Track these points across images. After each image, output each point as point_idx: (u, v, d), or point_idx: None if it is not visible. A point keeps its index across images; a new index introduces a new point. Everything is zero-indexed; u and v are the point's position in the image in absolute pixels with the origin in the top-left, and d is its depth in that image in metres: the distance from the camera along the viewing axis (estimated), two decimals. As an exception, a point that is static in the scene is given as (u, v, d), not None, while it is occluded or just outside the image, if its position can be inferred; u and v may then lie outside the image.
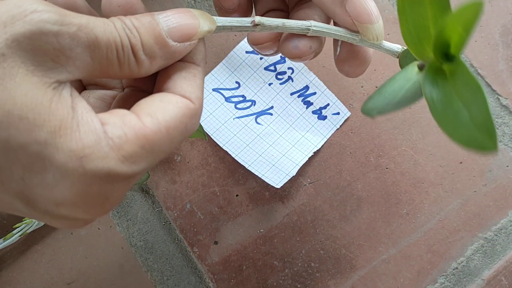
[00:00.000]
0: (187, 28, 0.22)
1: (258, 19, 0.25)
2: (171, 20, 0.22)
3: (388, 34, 0.43)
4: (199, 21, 0.23)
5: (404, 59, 0.29)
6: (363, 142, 0.40)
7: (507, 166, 0.40)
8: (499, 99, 0.42)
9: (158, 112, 0.21)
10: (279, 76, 0.41)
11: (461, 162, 0.40)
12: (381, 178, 0.39)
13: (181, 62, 0.24)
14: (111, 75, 0.21)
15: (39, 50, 0.18)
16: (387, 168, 0.40)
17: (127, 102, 0.25)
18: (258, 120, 0.40)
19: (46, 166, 0.17)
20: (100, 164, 0.18)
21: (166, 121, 0.21)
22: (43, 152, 0.17)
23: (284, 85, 0.41)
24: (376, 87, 0.42)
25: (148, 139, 0.20)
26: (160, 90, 0.23)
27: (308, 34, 0.27)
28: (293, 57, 0.28)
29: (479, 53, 0.43)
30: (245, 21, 0.25)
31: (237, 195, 0.39)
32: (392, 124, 0.41)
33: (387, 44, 0.29)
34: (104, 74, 0.21)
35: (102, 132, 0.19)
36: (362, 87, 0.42)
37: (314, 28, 0.27)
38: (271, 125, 0.40)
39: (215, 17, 0.25)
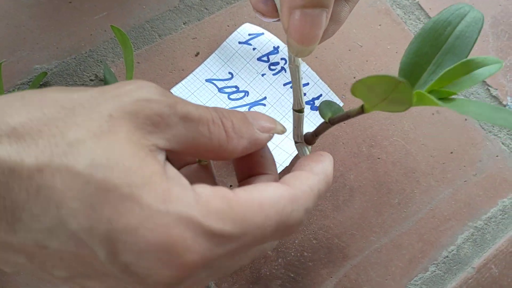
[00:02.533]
0: (267, 124, 0.26)
1: None
2: (255, 116, 0.26)
3: (379, 25, 0.44)
4: (275, 123, 0.27)
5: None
6: (356, 133, 0.41)
7: (497, 156, 0.41)
8: (489, 90, 0.42)
9: (254, 189, 0.21)
10: (272, 67, 0.42)
11: (451, 152, 0.41)
12: (373, 168, 0.40)
13: (300, 171, 0.25)
14: (201, 151, 0.23)
15: (142, 113, 0.20)
16: (379, 158, 0.40)
17: None
18: (252, 110, 0.40)
19: (134, 208, 0.18)
20: (184, 209, 0.18)
21: (261, 196, 0.21)
22: (133, 194, 0.18)
23: (277, 75, 0.41)
24: (368, 78, 0.42)
25: (237, 203, 0.20)
26: None
27: None
28: (257, 11, 0.28)
29: (470, 44, 0.43)
30: None
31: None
32: (384, 115, 0.41)
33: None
34: (195, 148, 0.22)
35: (189, 188, 0.20)
36: (354, 77, 0.42)
37: None
38: (264, 116, 0.40)
39: None
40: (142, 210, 0.18)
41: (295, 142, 0.33)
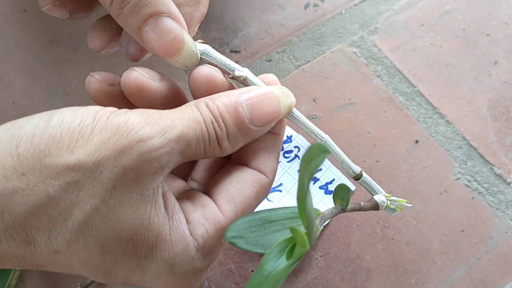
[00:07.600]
0: (269, 114, 0.24)
1: (243, 73, 0.26)
2: (254, 106, 0.24)
3: (384, 112, 0.47)
4: (280, 105, 0.25)
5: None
6: (369, 215, 0.43)
7: (506, 232, 0.42)
8: (492, 168, 0.45)
9: (236, 197, 0.24)
10: (286, 155, 0.44)
11: (462, 230, 0.42)
12: (388, 249, 0.41)
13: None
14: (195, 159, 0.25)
15: (142, 174, 0.21)
16: (393, 239, 0.42)
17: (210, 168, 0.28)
18: (269, 197, 0.43)
19: (144, 271, 0.21)
20: (188, 267, 0.22)
21: (243, 204, 0.24)
22: (142, 263, 0.21)
23: (291, 163, 0.44)
24: (377, 161, 0.45)
25: (225, 227, 0.23)
26: (239, 158, 0.26)
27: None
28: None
29: (470, 126, 0.46)
30: (232, 66, 0.26)
31: (252, 271, 0.40)
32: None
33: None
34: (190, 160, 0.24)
35: (189, 236, 0.22)
36: (364, 162, 0.45)
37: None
38: (281, 202, 0.43)
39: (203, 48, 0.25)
40: (152, 275, 0.21)
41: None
